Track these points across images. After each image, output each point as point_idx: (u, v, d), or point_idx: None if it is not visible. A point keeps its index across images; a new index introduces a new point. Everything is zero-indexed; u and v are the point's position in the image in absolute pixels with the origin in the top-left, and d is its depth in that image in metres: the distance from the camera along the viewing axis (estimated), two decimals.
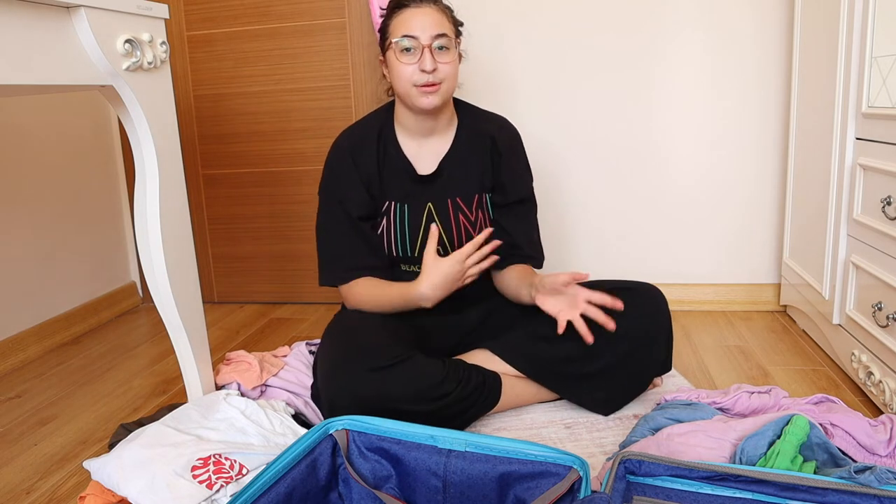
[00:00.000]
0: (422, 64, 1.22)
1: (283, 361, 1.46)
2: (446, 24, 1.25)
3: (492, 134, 1.37)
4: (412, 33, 1.21)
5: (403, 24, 1.23)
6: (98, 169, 2.16)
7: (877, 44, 1.29)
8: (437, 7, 1.25)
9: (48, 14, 0.95)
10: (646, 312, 1.28)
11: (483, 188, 1.37)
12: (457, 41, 1.28)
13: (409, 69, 1.23)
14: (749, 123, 1.88)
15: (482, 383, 1.23)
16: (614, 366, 1.27)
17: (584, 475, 0.83)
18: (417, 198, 1.34)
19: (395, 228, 1.34)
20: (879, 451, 1.00)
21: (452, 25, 1.27)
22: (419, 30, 1.21)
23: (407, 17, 1.23)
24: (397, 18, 1.24)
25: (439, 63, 1.23)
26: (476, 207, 1.36)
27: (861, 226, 1.35)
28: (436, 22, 1.22)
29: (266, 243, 2.22)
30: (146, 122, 1.13)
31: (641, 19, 1.87)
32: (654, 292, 1.32)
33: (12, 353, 1.77)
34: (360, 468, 0.95)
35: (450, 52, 1.24)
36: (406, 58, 1.23)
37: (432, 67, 1.21)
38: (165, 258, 1.18)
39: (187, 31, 2.11)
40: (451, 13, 1.29)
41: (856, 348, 1.38)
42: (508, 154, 1.38)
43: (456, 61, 1.27)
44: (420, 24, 1.21)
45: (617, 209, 1.99)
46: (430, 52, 1.21)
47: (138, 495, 0.99)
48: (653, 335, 1.29)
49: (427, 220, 1.34)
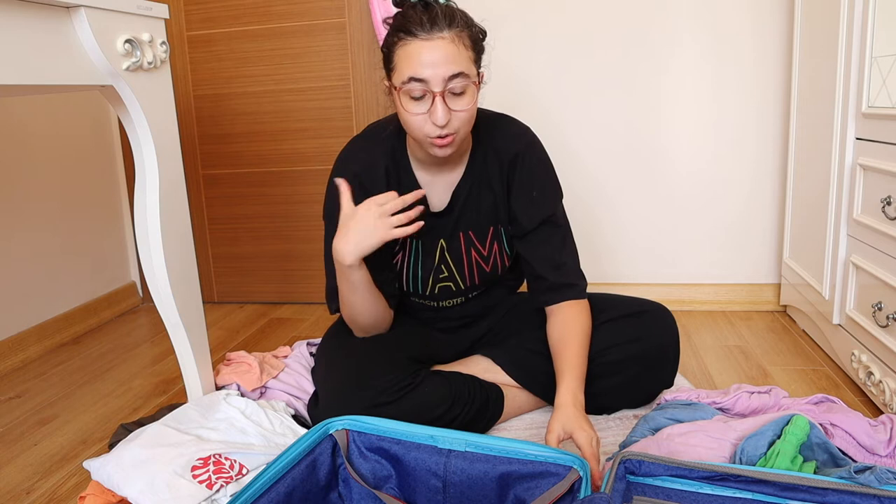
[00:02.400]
0: (433, 117, 1.04)
1: (283, 363, 1.46)
2: (463, 57, 1.04)
3: (515, 154, 1.22)
4: (421, 76, 1.02)
5: (410, 63, 1.03)
6: (98, 169, 2.16)
7: (877, 44, 1.29)
8: (453, 34, 1.03)
9: (48, 14, 0.95)
10: (657, 339, 1.27)
11: (498, 220, 1.26)
12: (477, 74, 1.08)
13: (419, 119, 1.05)
14: (749, 123, 1.88)
15: (486, 402, 1.22)
16: (621, 386, 1.26)
17: (584, 475, 0.83)
18: (430, 234, 1.24)
19: (409, 265, 1.26)
20: (879, 451, 1.00)
21: (472, 52, 1.07)
22: (430, 71, 1.01)
23: (414, 52, 1.02)
24: (403, 50, 1.04)
25: (454, 111, 1.04)
26: (491, 240, 1.27)
27: (861, 226, 1.35)
28: (450, 59, 1.02)
29: (266, 243, 2.22)
30: (146, 122, 1.13)
31: (642, 19, 1.87)
32: (665, 315, 1.30)
33: (12, 353, 1.77)
34: (360, 468, 0.95)
35: (466, 94, 1.05)
36: (414, 106, 1.05)
37: (445, 121, 1.03)
38: (165, 258, 1.18)
39: (187, 31, 2.11)
40: (469, 32, 1.07)
41: (856, 348, 1.38)
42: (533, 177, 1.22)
43: (474, 101, 1.07)
44: (431, 62, 1.01)
45: (617, 209, 1.99)
46: (442, 100, 1.03)
47: (138, 495, 0.99)
48: (663, 359, 1.29)
49: (440, 257, 1.25)
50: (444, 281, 1.28)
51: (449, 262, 1.26)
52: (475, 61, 1.08)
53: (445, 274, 1.27)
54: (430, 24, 1.02)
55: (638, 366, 1.26)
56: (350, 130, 2.07)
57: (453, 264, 1.27)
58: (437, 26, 1.02)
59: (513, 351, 1.28)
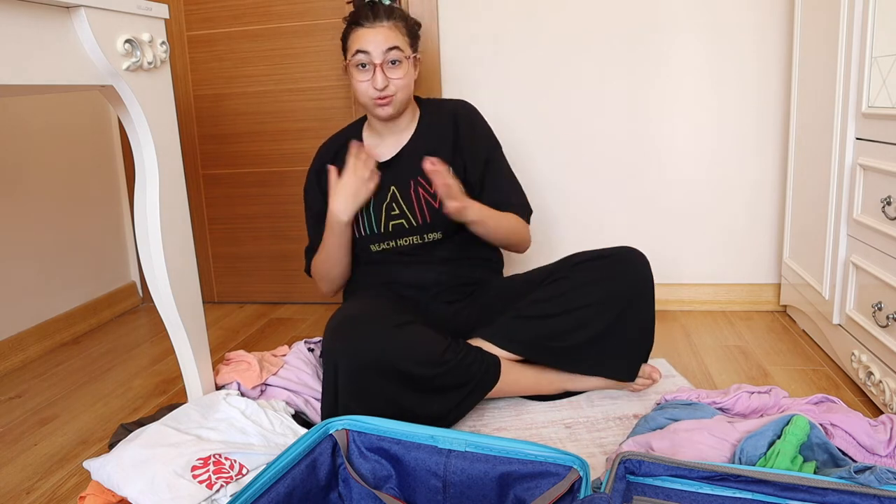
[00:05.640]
0: (374, 81, 1.34)
1: (282, 360, 1.46)
2: (399, 37, 1.35)
3: (452, 112, 1.48)
4: (365, 48, 1.32)
5: (357, 41, 1.34)
6: (98, 169, 2.16)
7: (877, 44, 1.29)
8: (391, 24, 1.34)
9: (48, 14, 0.95)
10: (625, 276, 1.32)
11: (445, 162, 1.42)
12: (411, 51, 1.38)
13: (364, 85, 1.36)
14: (749, 124, 1.88)
15: (481, 359, 1.26)
16: (605, 331, 1.30)
17: (584, 475, 0.83)
18: (380, 182, 1.42)
19: (364, 210, 1.43)
20: (879, 451, 1.00)
21: (406, 36, 1.37)
22: (371, 46, 1.32)
23: (361, 35, 1.34)
24: (353, 35, 1.35)
25: (391, 79, 1.34)
26: None
27: (861, 226, 1.35)
28: (388, 38, 1.33)
29: (266, 243, 2.22)
30: (146, 121, 1.13)
31: (641, 19, 1.87)
32: (631, 254, 1.34)
33: (12, 353, 1.77)
34: (360, 468, 0.95)
35: (402, 65, 1.35)
36: (361, 74, 1.35)
37: (383, 85, 1.33)
38: (165, 258, 1.18)
39: (187, 31, 2.11)
40: (405, 23, 1.38)
41: (856, 348, 1.38)
42: (468, 124, 1.47)
43: (410, 72, 1.38)
44: (373, 40, 1.32)
45: (617, 210, 1.99)
46: (381, 70, 1.33)
47: (138, 495, 0.99)
48: (636, 295, 1.32)
49: (391, 197, 1.43)
50: (396, 218, 1.42)
51: (399, 200, 1.43)
52: (411, 45, 1.38)
53: (396, 211, 1.42)
54: (373, 16, 1.34)
55: (612, 308, 1.29)
56: None
57: (402, 201, 1.42)
58: (378, 18, 1.34)
59: (502, 324, 1.33)
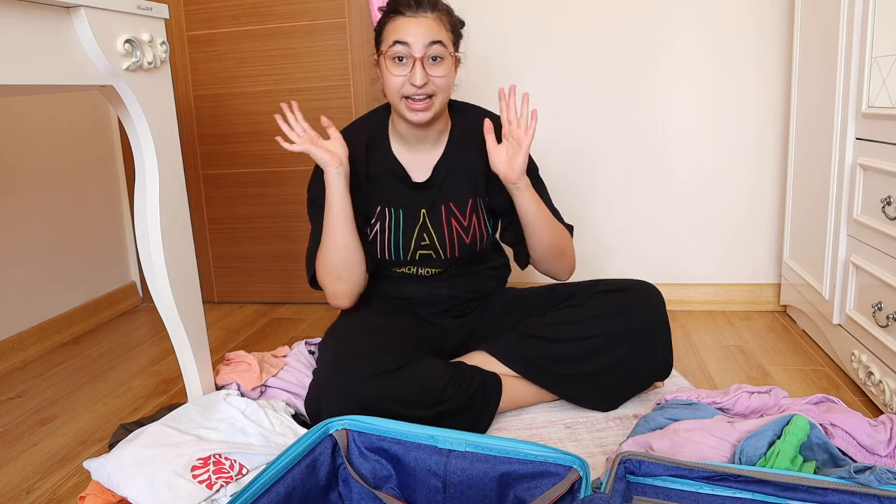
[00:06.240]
0: (412, 77, 1.17)
1: (282, 362, 1.46)
2: (443, 31, 1.20)
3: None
4: (405, 39, 1.17)
5: (396, 31, 1.18)
6: (98, 169, 2.16)
7: (877, 44, 1.29)
8: (435, 16, 1.20)
9: (48, 14, 0.95)
10: (645, 313, 1.28)
11: (477, 192, 1.35)
12: (454, 48, 1.23)
13: (399, 80, 1.19)
14: (749, 123, 1.88)
15: (482, 385, 1.22)
16: (613, 366, 1.27)
17: (584, 475, 0.83)
18: (412, 204, 1.33)
19: (390, 233, 1.33)
20: (879, 451, 1.00)
21: (450, 32, 1.22)
22: (412, 38, 1.17)
23: (400, 24, 1.18)
24: (391, 24, 1.20)
25: (432, 76, 1.18)
26: (470, 212, 1.35)
27: (861, 226, 1.35)
28: (431, 30, 1.17)
29: (266, 243, 2.22)
30: (146, 122, 1.13)
31: (641, 19, 1.87)
32: (652, 291, 1.31)
33: (12, 353, 1.77)
34: (360, 468, 0.95)
35: (444, 62, 1.20)
36: (397, 68, 1.19)
37: (423, 82, 1.17)
38: (165, 258, 1.18)
39: (187, 31, 2.11)
40: (449, 18, 1.23)
41: (856, 348, 1.38)
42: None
43: (451, 72, 1.23)
44: (414, 32, 1.17)
45: (617, 209, 1.99)
46: (421, 64, 1.17)
47: (138, 495, 0.99)
48: (653, 335, 1.29)
49: (421, 225, 1.33)
50: (425, 249, 1.34)
51: (430, 230, 1.33)
52: (453, 42, 1.23)
53: (427, 242, 1.33)
54: (416, 5, 1.19)
55: (627, 343, 1.26)
56: None
57: (434, 232, 1.33)
58: (422, 8, 1.19)
59: (507, 341, 1.30)
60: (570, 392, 1.30)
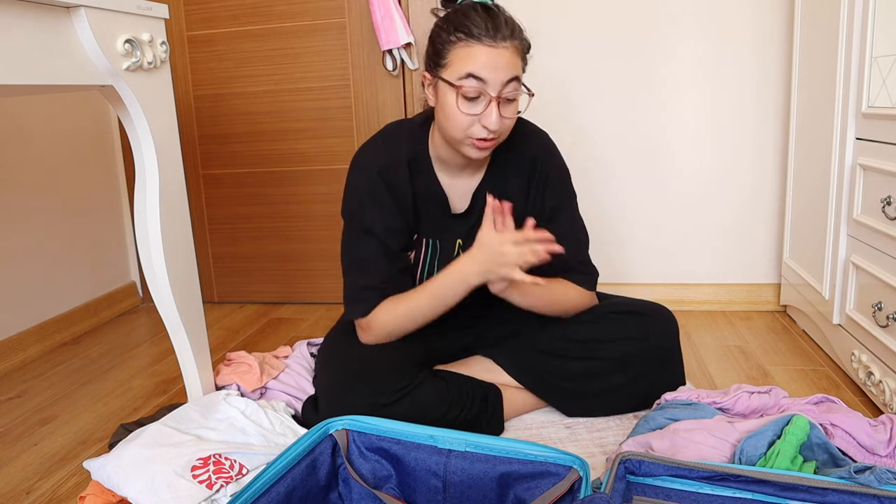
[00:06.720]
0: (485, 120, 1.04)
1: (283, 363, 1.46)
2: (519, 62, 1.06)
3: (532, 157, 1.25)
4: (481, 75, 1.02)
5: (471, 61, 1.02)
6: (98, 169, 2.16)
7: (877, 44, 1.29)
8: (514, 44, 1.04)
9: (48, 14, 0.95)
10: (658, 338, 1.27)
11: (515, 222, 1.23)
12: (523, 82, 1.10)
13: (468, 120, 1.05)
14: (749, 123, 1.88)
15: (484, 404, 1.20)
16: (622, 386, 1.26)
17: (584, 475, 0.83)
18: (449, 234, 1.26)
19: (425, 263, 1.26)
20: (879, 451, 1.00)
21: (522, 61, 1.09)
22: (490, 74, 1.02)
23: (476, 54, 1.02)
24: (464, 50, 1.03)
25: (504, 117, 1.05)
26: None
27: (861, 226, 1.35)
28: (510, 64, 1.03)
29: (266, 243, 2.22)
30: (146, 122, 1.13)
31: (643, 21, 1.87)
32: (666, 315, 1.29)
33: (12, 353, 1.77)
34: (360, 468, 0.95)
35: (516, 102, 1.07)
36: (467, 106, 1.04)
37: (497, 126, 1.04)
38: (165, 258, 1.18)
39: (187, 31, 2.11)
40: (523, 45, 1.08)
41: (856, 348, 1.38)
42: (544, 173, 1.26)
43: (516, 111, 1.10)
44: (493, 66, 1.02)
45: (617, 209, 1.99)
46: (497, 106, 1.03)
47: (138, 495, 0.99)
48: (665, 359, 1.28)
49: (455, 257, 1.26)
50: None
51: None
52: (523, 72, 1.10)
53: None
54: (494, 30, 1.03)
55: (639, 365, 1.25)
56: (350, 130, 2.07)
57: None
58: (500, 34, 1.03)
59: (513, 350, 1.28)
60: (575, 408, 1.29)
